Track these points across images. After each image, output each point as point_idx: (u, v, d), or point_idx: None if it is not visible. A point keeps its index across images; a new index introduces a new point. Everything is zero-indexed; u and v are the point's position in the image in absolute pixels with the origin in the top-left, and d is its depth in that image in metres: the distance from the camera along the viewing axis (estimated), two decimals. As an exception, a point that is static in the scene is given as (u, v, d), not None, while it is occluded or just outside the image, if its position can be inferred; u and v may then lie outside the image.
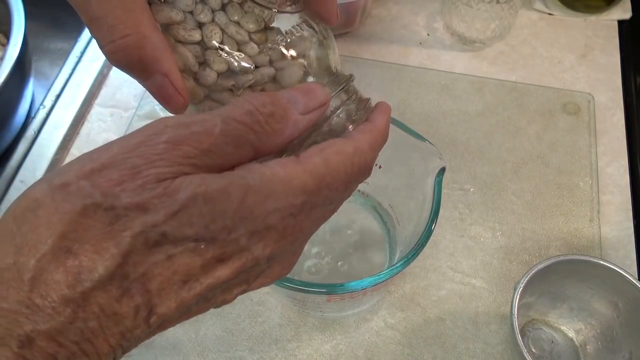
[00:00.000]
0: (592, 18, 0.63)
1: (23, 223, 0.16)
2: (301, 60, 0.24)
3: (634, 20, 0.63)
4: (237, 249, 0.19)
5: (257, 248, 0.19)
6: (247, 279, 0.20)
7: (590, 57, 0.60)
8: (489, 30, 0.58)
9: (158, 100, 0.22)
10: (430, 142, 0.35)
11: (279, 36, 0.23)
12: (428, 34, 0.62)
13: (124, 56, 0.21)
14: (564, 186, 0.51)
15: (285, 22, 0.24)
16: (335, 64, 0.26)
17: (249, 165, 0.19)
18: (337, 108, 0.24)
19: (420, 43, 0.62)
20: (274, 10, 0.24)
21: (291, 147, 0.22)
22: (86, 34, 0.62)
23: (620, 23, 0.63)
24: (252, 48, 0.23)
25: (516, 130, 0.55)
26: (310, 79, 0.25)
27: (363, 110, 0.25)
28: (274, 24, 0.24)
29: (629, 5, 0.63)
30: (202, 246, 0.18)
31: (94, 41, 0.61)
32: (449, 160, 0.52)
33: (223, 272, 0.19)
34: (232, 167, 0.19)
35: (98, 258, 0.16)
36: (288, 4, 0.24)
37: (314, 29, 0.25)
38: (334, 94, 0.24)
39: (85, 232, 0.16)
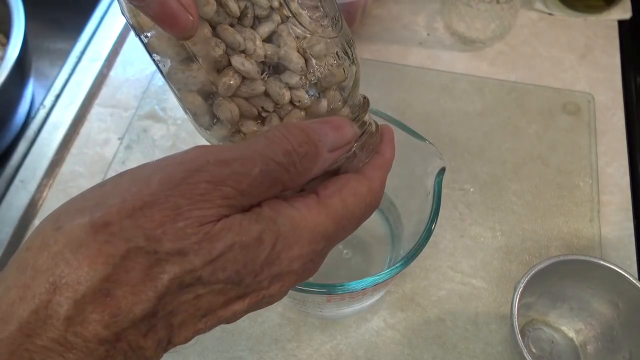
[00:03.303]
0: (592, 18, 0.63)
1: (60, 261, 0.16)
2: (332, 90, 0.24)
3: (634, 20, 0.63)
4: (257, 288, 0.19)
5: (274, 288, 0.20)
6: (253, 308, 0.21)
7: (590, 57, 0.60)
8: (489, 30, 0.58)
9: (162, 26, 0.19)
10: (430, 142, 0.34)
11: (317, 66, 0.23)
12: (428, 34, 0.62)
13: None
14: (564, 186, 0.51)
15: (323, 46, 0.23)
16: (358, 92, 0.26)
17: (277, 206, 0.20)
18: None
19: (421, 43, 0.62)
20: (314, 34, 0.22)
21: None
22: (86, 34, 0.62)
23: (620, 23, 0.63)
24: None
25: (516, 130, 0.55)
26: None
27: (374, 141, 0.25)
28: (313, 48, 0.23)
29: (629, 5, 0.63)
30: (229, 287, 0.19)
31: (94, 41, 0.61)
32: (449, 160, 0.52)
33: (239, 307, 0.19)
34: (259, 202, 0.20)
35: (136, 300, 0.17)
36: (330, 29, 0.23)
37: (348, 56, 0.24)
38: (356, 127, 0.24)
39: (125, 274, 0.17)
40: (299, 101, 0.22)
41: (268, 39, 0.22)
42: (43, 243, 0.17)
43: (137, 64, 0.60)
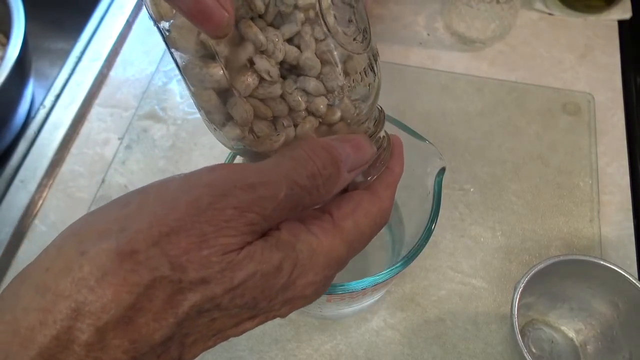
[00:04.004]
0: (592, 18, 0.63)
1: (84, 288, 0.16)
2: (355, 105, 0.23)
3: (634, 20, 0.63)
4: (269, 310, 0.20)
5: (284, 310, 0.21)
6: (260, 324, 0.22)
7: (590, 57, 0.60)
8: (489, 30, 0.58)
9: (195, 22, 0.18)
10: (430, 142, 0.34)
11: (347, 84, 0.22)
12: (428, 34, 0.62)
13: None
14: (564, 186, 0.51)
15: (352, 63, 0.22)
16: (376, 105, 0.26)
17: (295, 230, 0.20)
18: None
19: (421, 43, 0.62)
20: (345, 50, 0.22)
21: None
22: (86, 34, 0.62)
23: (620, 23, 0.63)
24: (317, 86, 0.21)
25: (516, 130, 0.55)
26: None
27: (386, 155, 0.25)
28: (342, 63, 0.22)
29: (629, 5, 0.63)
30: (244, 311, 0.19)
31: (94, 41, 0.61)
32: (449, 160, 0.52)
33: (249, 326, 0.20)
34: (278, 224, 0.20)
35: (156, 327, 0.17)
36: (360, 43, 0.23)
37: (374, 71, 0.24)
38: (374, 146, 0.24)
39: (148, 302, 0.17)
40: (316, 109, 0.22)
41: (289, 40, 0.21)
42: (66, 267, 0.17)
43: (137, 64, 0.60)
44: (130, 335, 0.16)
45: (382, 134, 0.26)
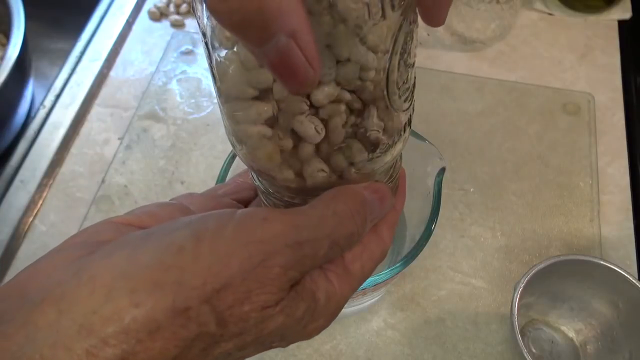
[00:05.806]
0: (592, 18, 0.63)
1: (133, 338, 0.17)
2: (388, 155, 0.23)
3: (634, 20, 0.63)
4: (273, 345, 0.21)
5: (282, 344, 0.21)
6: None
7: (590, 57, 0.60)
8: (489, 30, 0.58)
9: (277, 74, 0.16)
10: (430, 142, 0.35)
11: (387, 142, 0.22)
12: (428, 34, 0.62)
13: (238, 5, 0.14)
14: (564, 186, 0.51)
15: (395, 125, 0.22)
16: None
17: (316, 277, 0.21)
18: None
19: (420, 43, 0.62)
20: (396, 111, 0.21)
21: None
22: (86, 34, 0.62)
23: (620, 23, 0.63)
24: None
25: (516, 130, 0.55)
26: None
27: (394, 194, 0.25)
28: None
29: (629, 5, 0.63)
30: (257, 347, 0.20)
31: (94, 41, 0.61)
32: (449, 160, 0.52)
33: (245, 355, 0.21)
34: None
35: None
36: (408, 103, 0.22)
37: (410, 125, 0.23)
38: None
39: (188, 351, 0.17)
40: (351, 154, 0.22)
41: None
42: (117, 315, 0.17)
43: (137, 64, 0.60)
44: None
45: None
